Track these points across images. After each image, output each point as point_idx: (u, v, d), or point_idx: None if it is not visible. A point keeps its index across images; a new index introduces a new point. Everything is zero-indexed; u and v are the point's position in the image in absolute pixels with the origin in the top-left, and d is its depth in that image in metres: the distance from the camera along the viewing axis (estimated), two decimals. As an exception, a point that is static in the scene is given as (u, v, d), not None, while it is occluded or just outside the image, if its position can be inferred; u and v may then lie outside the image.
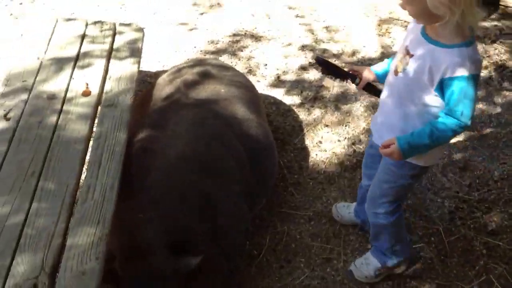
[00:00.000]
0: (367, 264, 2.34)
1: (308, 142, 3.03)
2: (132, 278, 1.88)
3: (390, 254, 2.29)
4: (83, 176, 2.12)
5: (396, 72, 1.84)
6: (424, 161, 1.95)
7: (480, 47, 3.64)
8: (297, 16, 4.01)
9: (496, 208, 2.66)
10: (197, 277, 1.93)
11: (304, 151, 2.98)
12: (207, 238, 2.06)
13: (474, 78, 1.68)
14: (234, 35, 3.80)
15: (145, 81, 3.35)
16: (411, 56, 1.77)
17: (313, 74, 3.48)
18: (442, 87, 1.71)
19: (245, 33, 3.82)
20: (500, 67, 3.51)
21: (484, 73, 3.47)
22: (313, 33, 3.85)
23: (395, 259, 2.30)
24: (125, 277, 1.88)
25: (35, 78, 2.51)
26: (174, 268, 1.89)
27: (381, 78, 2.06)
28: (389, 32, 3.82)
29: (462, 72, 1.65)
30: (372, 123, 2.11)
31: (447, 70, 1.67)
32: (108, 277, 1.82)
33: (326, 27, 3.91)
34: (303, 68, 3.53)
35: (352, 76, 2.11)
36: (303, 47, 3.72)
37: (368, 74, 2.09)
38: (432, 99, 1.77)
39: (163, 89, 2.59)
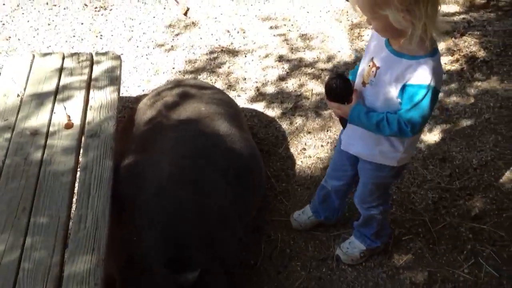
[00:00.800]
0: (352, 248, 2.47)
1: (292, 150, 3.10)
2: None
3: (375, 238, 2.43)
4: (74, 207, 2.17)
5: (364, 84, 1.90)
6: (399, 162, 2.04)
7: (450, 41, 3.75)
8: (271, 27, 4.09)
9: (477, 194, 2.75)
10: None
11: (289, 160, 3.05)
12: (203, 253, 2.12)
13: (433, 92, 1.73)
14: (211, 52, 3.87)
15: (127, 107, 3.41)
16: (378, 68, 1.83)
17: (292, 84, 3.55)
18: (403, 93, 1.77)
19: (222, 50, 3.89)
20: (471, 59, 3.60)
21: (455, 66, 3.57)
22: (288, 43, 3.93)
23: (379, 242, 2.45)
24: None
25: (17, 115, 2.54)
26: (175, 285, 1.95)
27: None
28: (361, 36, 3.91)
29: (423, 81, 1.72)
30: (342, 132, 2.17)
31: (409, 78, 1.74)
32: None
33: (301, 36, 3.99)
34: (282, 79, 3.60)
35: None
36: (280, 58, 3.79)
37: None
38: (398, 106, 1.82)
39: (144, 113, 2.65)
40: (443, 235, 2.58)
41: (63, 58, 2.91)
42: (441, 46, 3.71)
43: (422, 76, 1.72)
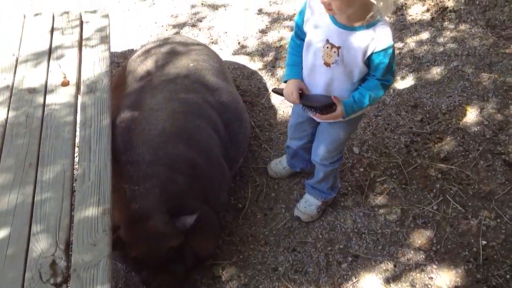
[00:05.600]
0: (309, 206, 2.64)
1: (274, 100, 3.28)
2: (139, 242, 2.15)
3: (330, 191, 2.62)
4: (76, 160, 2.33)
5: (327, 64, 2.01)
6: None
7: (422, -10, 3.90)
8: (250, -20, 4.18)
9: (446, 137, 2.95)
10: (195, 232, 2.20)
11: (271, 109, 3.23)
12: (198, 200, 2.33)
13: (393, 48, 1.92)
14: (192, 6, 3.96)
15: (113, 62, 3.51)
16: (339, 47, 1.95)
17: (272, 36, 3.69)
18: (368, 60, 1.94)
19: (203, 3, 3.99)
20: (441, 9, 3.77)
21: (426, 16, 3.74)
22: (266, -5, 4.04)
23: (333, 193, 2.65)
24: (133, 242, 2.14)
25: (14, 74, 2.66)
26: (175, 229, 2.16)
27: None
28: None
29: (386, 44, 1.88)
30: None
31: (374, 46, 1.89)
32: (116, 244, 2.08)
33: (278, -12, 4.10)
34: (262, 32, 3.74)
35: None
36: (260, 11, 3.91)
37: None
38: (363, 71, 2.00)
39: (135, 70, 2.77)
40: (415, 175, 2.80)
41: (53, 18, 3.00)
42: (414, -5, 3.89)
43: (382, 41, 1.89)
